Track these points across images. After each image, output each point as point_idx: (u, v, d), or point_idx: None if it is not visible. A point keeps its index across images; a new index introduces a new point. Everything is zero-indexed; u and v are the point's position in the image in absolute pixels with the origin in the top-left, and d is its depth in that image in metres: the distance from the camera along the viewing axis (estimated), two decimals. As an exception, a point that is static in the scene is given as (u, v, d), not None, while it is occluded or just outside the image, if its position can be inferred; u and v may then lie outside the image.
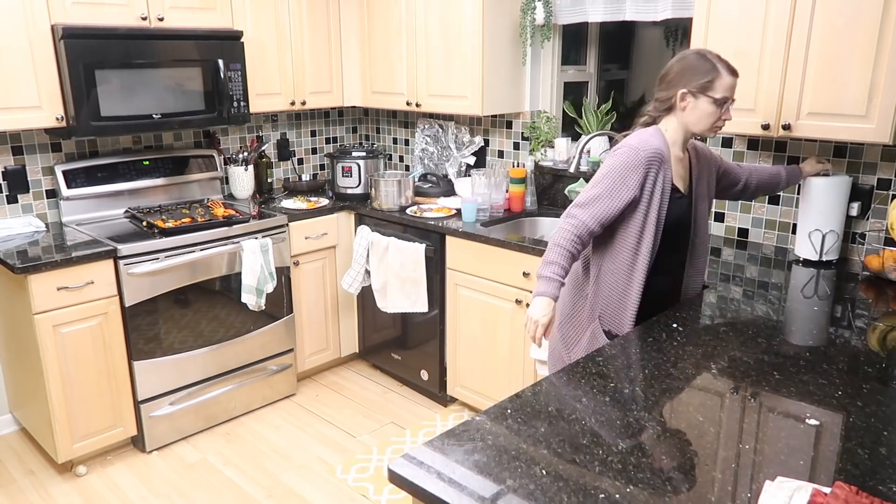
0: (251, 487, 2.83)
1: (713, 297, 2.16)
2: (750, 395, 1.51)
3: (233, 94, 3.28)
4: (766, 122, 2.34)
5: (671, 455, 1.28)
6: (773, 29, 2.27)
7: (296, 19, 3.57)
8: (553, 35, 3.42)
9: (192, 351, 3.09)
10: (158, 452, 3.07)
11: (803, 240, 2.48)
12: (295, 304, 3.51)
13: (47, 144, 3.14)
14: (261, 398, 3.43)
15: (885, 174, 2.45)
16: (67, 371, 2.75)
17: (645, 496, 1.15)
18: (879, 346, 1.83)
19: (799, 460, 1.25)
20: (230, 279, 3.18)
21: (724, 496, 1.15)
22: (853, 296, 2.21)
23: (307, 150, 4.21)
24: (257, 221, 3.24)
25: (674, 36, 3.76)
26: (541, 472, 1.22)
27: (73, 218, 3.18)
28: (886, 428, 1.35)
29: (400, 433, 3.22)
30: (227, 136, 3.81)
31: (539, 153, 3.52)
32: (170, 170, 3.45)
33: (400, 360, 3.61)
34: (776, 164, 2.69)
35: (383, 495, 2.75)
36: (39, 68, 2.75)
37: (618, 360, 1.69)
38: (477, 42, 3.20)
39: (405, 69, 3.56)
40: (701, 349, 1.75)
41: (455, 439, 1.33)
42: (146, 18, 3.00)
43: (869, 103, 2.12)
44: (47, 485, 2.84)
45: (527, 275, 2.83)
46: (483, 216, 3.26)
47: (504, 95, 3.39)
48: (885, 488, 1.16)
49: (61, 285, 2.67)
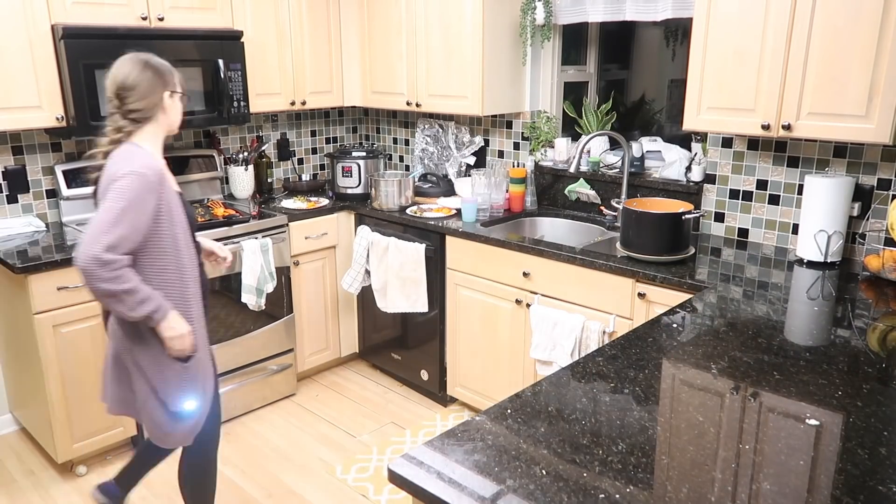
0: (251, 487, 2.83)
1: (713, 297, 2.16)
2: (750, 395, 1.51)
3: (233, 94, 3.28)
4: (766, 122, 2.34)
5: (671, 455, 1.28)
6: (773, 29, 2.27)
7: (296, 19, 3.57)
8: (553, 35, 3.42)
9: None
10: (158, 452, 3.07)
11: (807, 240, 2.48)
12: (295, 304, 3.51)
13: (47, 144, 3.14)
14: (261, 398, 3.43)
15: (885, 174, 2.45)
16: (67, 371, 2.75)
17: (645, 496, 1.15)
18: (879, 346, 1.83)
19: (799, 460, 1.25)
20: (230, 279, 3.18)
21: (724, 496, 1.15)
22: (853, 296, 2.21)
23: (307, 150, 4.21)
24: (257, 221, 3.24)
25: (674, 36, 3.76)
26: (541, 472, 1.22)
27: (74, 218, 3.18)
28: (886, 428, 1.35)
29: (400, 433, 3.22)
30: (227, 135, 3.81)
31: (539, 153, 3.52)
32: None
33: (400, 360, 3.61)
34: (776, 164, 2.69)
35: (383, 495, 2.75)
36: (39, 68, 2.75)
37: (618, 361, 1.69)
38: (477, 42, 3.20)
39: (405, 69, 3.56)
40: (701, 349, 1.76)
41: (455, 439, 1.33)
42: (146, 18, 3.00)
43: (869, 103, 2.12)
44: (47, 485, 2.84)
45: (527, 275, 2.84)
46: (483, 216, 3.26)
47: (504, 95, 3.39)
48: (885, 488, 1.16)
49: (61, 285, 2.67)
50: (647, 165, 3.20)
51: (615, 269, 2.51)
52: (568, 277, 2.69)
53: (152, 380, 2.00)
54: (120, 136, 1.98)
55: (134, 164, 1.88)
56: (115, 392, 2.09)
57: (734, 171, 2.82)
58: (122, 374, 2.06)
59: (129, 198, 1.83)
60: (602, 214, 3.23)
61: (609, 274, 2.54)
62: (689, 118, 2.54)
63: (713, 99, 2.46)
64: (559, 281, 2.73)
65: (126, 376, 2.05)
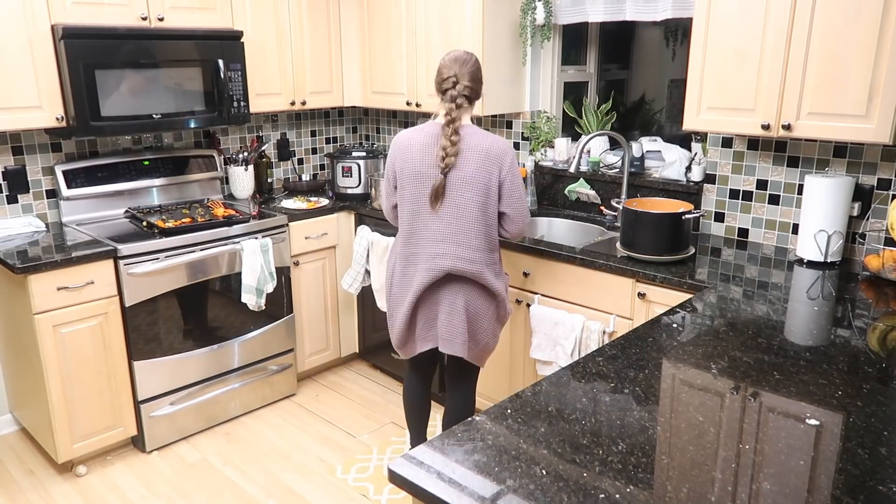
0: (251, 487, 2.83)
1: (713, 296, 2.16)
2: (750, 395, 1.51)
3: (233, 94, 3.28)
4: (766, 122, 2.34)
5: (671, 455, 1.28)
6: (773, 29, 2.27)
7: (296, 19, 3.57)
8: (553, 35, 3.42)
9: (192, 351, 3.10)
10: (158, 452, 3.07)
11: (807, 240, 2.48)
12: (295, 304, 3.51)
13: (47, 144, 3.14)
14: (261, 398, 3.43)
15: (885, 174, 2.45)
16: (67, 371, 2.75)
17: (645, 496, 1.15)
18: (879, 346, 1.83)
19: (799, 460, 1.25)
20: (230, 279, 3.18)
21: (724, 496, 1.15)
22: (853, 296, 2.21)
23: (307, 150, 4.21)
24: (257, 221, 3.24)
25: (674, 36, 3.76)
26: (541, 472, 1.22)
27: (74, 218, 3.18)
28: (886, 428, 1.35)
29: (400, 433, 3.22)
30: (227, 136, 3.81)
31: (539, 153, 3.52)
32: (170, 170, 3.45)
33: (400, 360, 3.61)
34: (776, 164, 2.69)
35: (383, 495, 2.75)
36: (39, 68, 2.75)
37: (618, 361, 1.69)
38: (477, 42, 3.20)
39: (405, 69, 3.56)
40: (701, 349, 1.76)
41: (455, 439, 1.33)
42: (146, 18, 3.00)
43: (869, 103, 2.12)
44: (47, 485, 2.85)
45: (527, 275, 2.84)
46: (483, 216, 3.26)
47: (504, 95, 3.39)
48: (885, 488, 1.16)
49: (61, 285, 2.67)
50: (647, 165, 3.20)
51: (615, 269, 2.51)
52: (568, 277, 2.69)
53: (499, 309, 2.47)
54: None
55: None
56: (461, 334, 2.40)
57: (734, 171, 2.82)
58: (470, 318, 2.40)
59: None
60: (602, 214, 3.23)
61: (609, 274, 2.54)
62: (689, 118, 2.54)
63: (713, 99, 2.46)
64: (559, 281, 2.73)
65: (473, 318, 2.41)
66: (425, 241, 2.33)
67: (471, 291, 2.37)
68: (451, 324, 2.38)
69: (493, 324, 2.47)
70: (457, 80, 2.26)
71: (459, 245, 2.30)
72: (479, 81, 2.33)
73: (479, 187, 2.26)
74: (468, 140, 2.26)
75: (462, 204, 2.27)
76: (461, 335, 2.37)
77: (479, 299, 2.39)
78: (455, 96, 2.25)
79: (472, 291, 2.37)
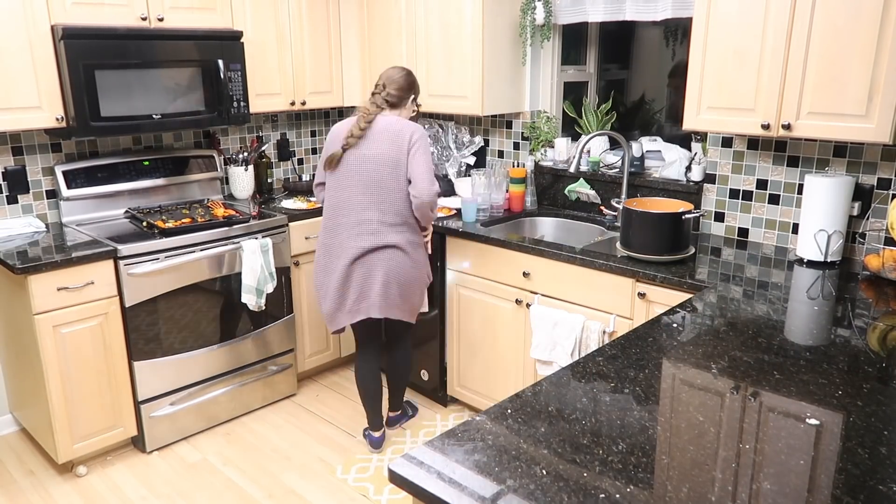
0: (251, 487, 2.83)
1: (713, 296, 2.16)
2: (750, 394, 1.51)
3: (233, 95, 3.28)
4: (766, 122, 2.34)
5: (671, 455, 1.28)
6: (773, 29, 2.27)
7: (296, 19, 3.57)
8: (553, 35, 3.42)
9: (192, 351, 3.09)
10: (159, 453, 3.07)
11: (807, 240, 2.48)
12: (295, 305, 3.51)
13: (47, 145, 3.14)
14: (261, 398, 3.43)
15: (885, 174, 2.45)
16: (67, 371, 2.75)
17: (645, 496, 1.15)
18: (879, 345, 1.83)
19: (799, 460, 1.25)
20: (230, 279, 3.18)
21: (725, 496, 1.15)
22: (853, 295, 2.21)
23: (307, 150, 4.21)
24: (257, 221, 3.24)
25: (674, 36, 3.76)
26: (541, 472, 1.22)
27: (74, 218, 3.18)
28: (886, 428, 1.35)
29: (400, 433, 3.22)
30: (227, 136, 3.81)
31: (539, 153, 3.52)
32: (170, 170, 3.45)
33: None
34: (776, 164, 2.70)
35: (383, 495, 2.75)
36: (39, 69, 2.75)
37: (618, 360, 1.69)
38: (477, 42, 3.20)
39: (405, 69, 3.56)
40: (701, 349, 1.76)
41: (455, 439, 1.33)
42: (146, 19, 3.00)
43: (869, 103, 2.12)
44: (47, 485, 2.85)
45: (527, 275, 2.84)
46: (483, 216, 3.26)
47: (504, 95, 3.39)
48: (885, 488, 1.16)
49: (61, 285, 2.67)
50: (647, 165, 3.20)
51: (615, 268, 2.51)
52: (568, 277, 2.69)
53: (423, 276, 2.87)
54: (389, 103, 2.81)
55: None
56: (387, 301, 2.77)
57: (734, 171, 2.82)
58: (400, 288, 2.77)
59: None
60: (602, 214, 3.23)
61: (609, 274, 2.54)
62: (688, 118, 2.54)
63: (713, 99, 2.46)
64: (559, 281, 2.73)
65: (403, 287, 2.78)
66: (346, 211, 2.72)
67: (394, 258, 2.73)
68: (387, 294, 2.74)
69: (421, 286, 2.87)
70: (384, 88, 2.74)
71: (379, 211, 2.68)
72: (407, 90, 2.77)
73: (388, 161, 2.66)
74: (382, 124, 2.68)
75: (377, 178, 2.67)
76: (396, 300, 2.76)
77: (403, 266, 2.75)
78: (377, 100, 2.74)
79: (395, 258, 2.73)
